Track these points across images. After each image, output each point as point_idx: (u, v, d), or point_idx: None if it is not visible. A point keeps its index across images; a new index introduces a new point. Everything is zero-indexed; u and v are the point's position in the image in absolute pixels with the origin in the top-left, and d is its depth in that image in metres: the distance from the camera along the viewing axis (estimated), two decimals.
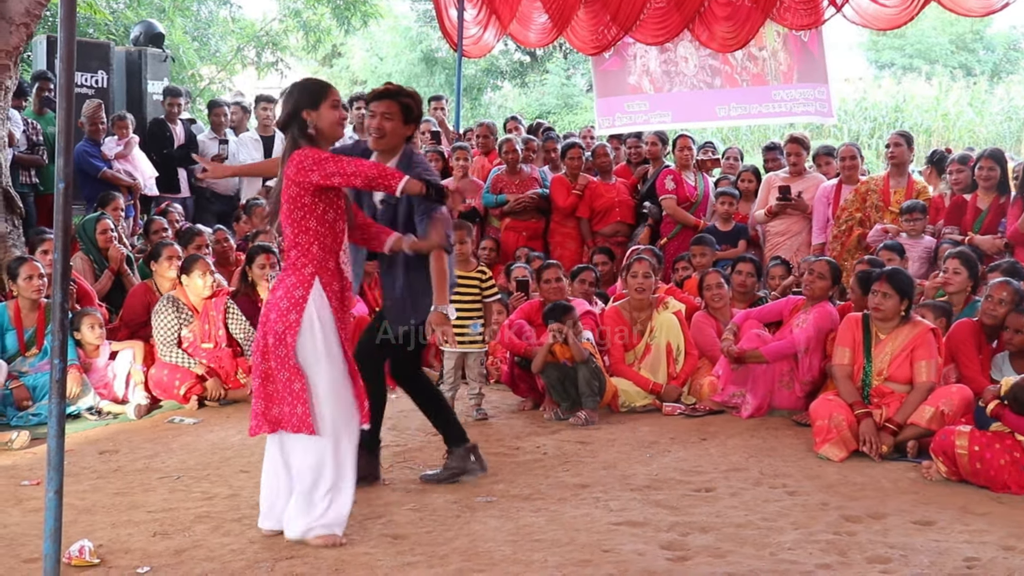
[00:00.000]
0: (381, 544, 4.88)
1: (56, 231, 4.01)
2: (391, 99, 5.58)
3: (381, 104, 5.58)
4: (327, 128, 4.96)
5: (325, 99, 4.96)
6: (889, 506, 5.45)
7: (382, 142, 5.57)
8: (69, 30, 3.99)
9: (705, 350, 8.19)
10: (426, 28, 31.80)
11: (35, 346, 7.78)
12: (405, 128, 5.66)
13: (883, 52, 35.46)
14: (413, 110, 5.65)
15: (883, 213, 9.27)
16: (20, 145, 10.56)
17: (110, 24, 19.36)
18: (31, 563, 4.59)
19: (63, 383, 4.02)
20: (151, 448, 6.81)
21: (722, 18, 12.29)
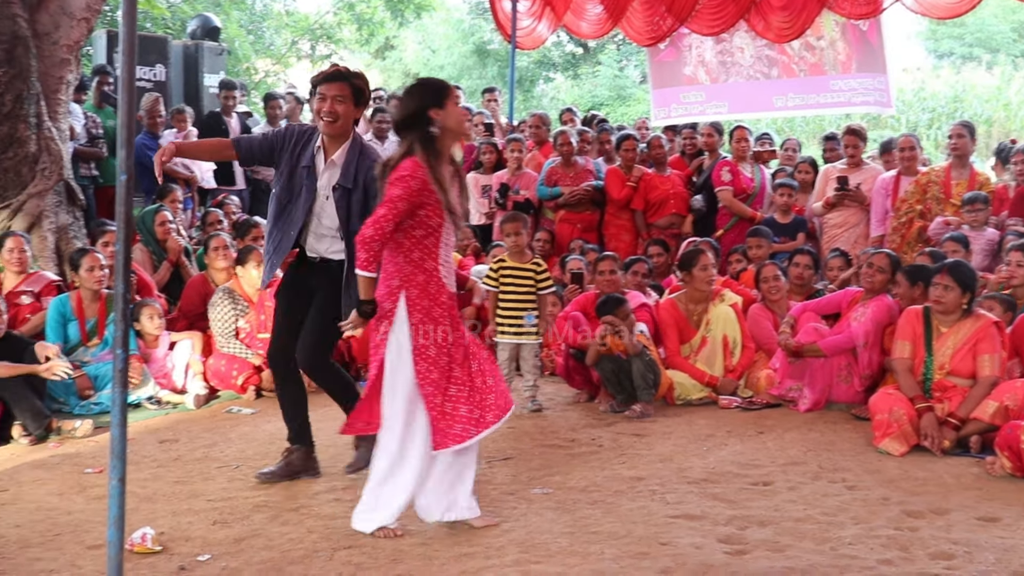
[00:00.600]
0: (438, 535, 4.89)
1: (118, 222, 4.04)
2: (343, 81, 5.45)
3: (333, 87, 5.43)
4: (456, 125, 5.05)
5: (449, 96, 5.00)
6: (952, 502, 5.38)
7: (335, 126, 5.44)
8: (130, 25, 4.02)
9: (762, 343, 8.13)
10: (478, 20, 31.81)
11: (96, 336, 7.87)
12: (356, 111, 5.59)
13: (942, 41, 34.98)
14: (364, 92, 5.58)
15: (944, 205, 9.13)
16: (80, 138, 10.69)
17: (167, 19, 19.54)
18: (95, 549, 4.66)
19: (126, 373, 4.06)
20: (210, 437, 6.87)
21: (778, 8, 12.17)
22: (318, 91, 5.45)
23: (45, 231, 9.06)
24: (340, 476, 5.86)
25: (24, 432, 6.80)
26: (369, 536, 4.83)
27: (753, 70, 13.40)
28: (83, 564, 4.54)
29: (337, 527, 4.98)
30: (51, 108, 9.22)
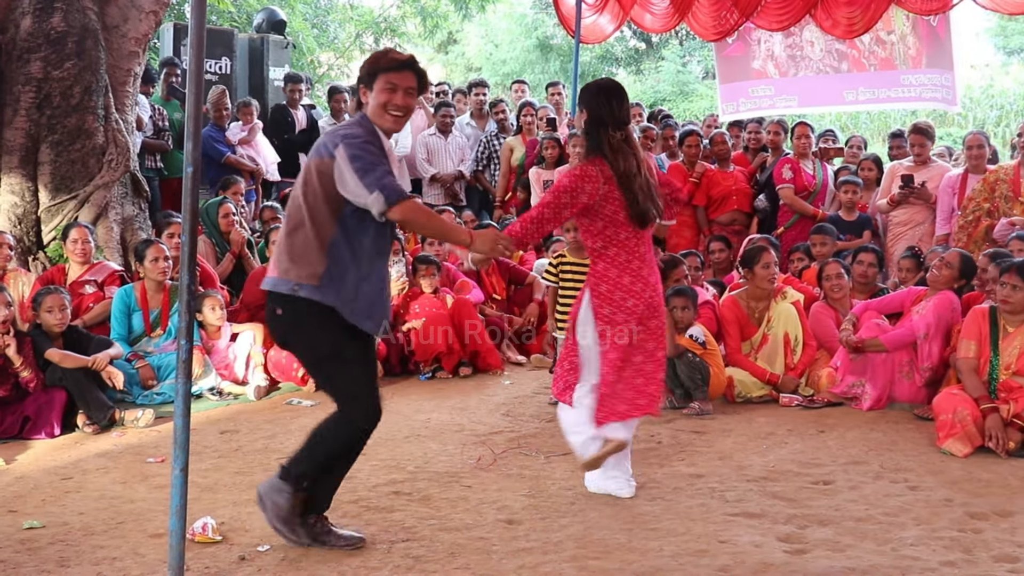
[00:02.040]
0: (496, 529, 4.90)
1: (184, 214, 4.09)
2: (413, 71, 4.69)
3: (405, 76, 4.64)
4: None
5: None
6: (1017, 504, 5.30)
7: (401, 123, 4.80)
8: (199, 18, 4.07)
9: (823, 341, 8.05)
10: (541, 15, 31.78)
11: (160, 327, 7.97)
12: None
13: (1012, 38, 34.40)
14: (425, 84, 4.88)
15: (1013, 204, 8.98)
16: (147, 130, 10.82)
17: (233, 12, 19.71)
18: (157, 538, 4.71)
19: (189, 363, 4.11)
20: (270, 429, 6.93)
21: (844, 3, 12.03)
22: (385, 79, 4.61)
23: (111, 222, 9.18)
24: (399, 470, 5.89)
25: (88, 421, 6.90)
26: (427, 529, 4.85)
27: (823, 64, 13.28)
28: (145, 552, 4.60)
29: (395, 520, 5.01)
30: (119, 100, 9.34)
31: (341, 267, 4.44)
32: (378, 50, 4.94)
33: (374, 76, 4.61)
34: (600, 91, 5.40)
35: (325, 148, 4.45)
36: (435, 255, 9.23)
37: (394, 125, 4.64)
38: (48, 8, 8.79)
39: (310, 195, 4.44)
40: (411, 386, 8.33)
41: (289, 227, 4.52)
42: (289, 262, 4.46)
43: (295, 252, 4.45)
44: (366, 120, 4.61)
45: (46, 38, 8.79)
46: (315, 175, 4.43)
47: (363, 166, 4.33)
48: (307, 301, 4.43)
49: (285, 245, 4.50)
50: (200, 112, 4.12)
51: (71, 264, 8.38)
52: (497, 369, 8.71)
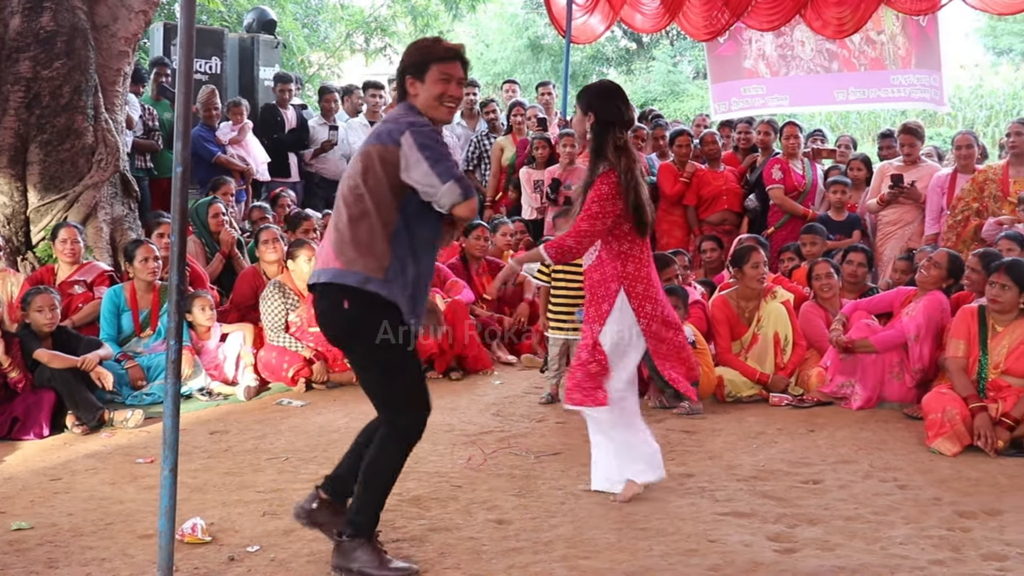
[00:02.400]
0: (486, 529, 4.90)
1: (173, 214, 4.08)
2: (463, 61, 4.58)
3: (459, 67, 4.53)
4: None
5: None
6: (1005, 503, 5.31)
7: (454, 114, 4.73)
8: (189, 17, 4.06)
9: (813, 341, 8.07)
10: (532, 15, 31.80)
11: (149, 327, 7.96)
12: None
13: (1001, 38, 34.51)
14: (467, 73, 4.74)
15: (1002, 204, 9.00)
16: (137, 130, 10.79)
17: (223, 12, 19.69)
18: (146, 539, 4.71)
19: (178, 364, 4.10)
20: (260, 429, 6.92)
21: (834, 3, 12.06)
22: (439, 70, 4.45)
23: (100, 222, 9.15)
24: None
25: (77, 422, 6.88)
26: (417, 529, 4.85)
27: (813, 63, 13.31)
28: (134, 553, 4.59)
29: (385, 520, 4.98)
30: (108, 100, 9.31)
31: (403, 260, 4.31)
32: (424, 39, 4.72)
33: (426, 66, 4.44)
34: (609, 93, 5.42)
35: (389, 135, 4.29)
36: None
37: (448, 116, 4.55)
38: (37, 7, 8.76)
39: (372, 183, 4.29)
40: None
41: (351, 216, 4.31)
42: (355, 253, 4.27)
43: (360, 243, 4.27)
44: (415, 110, 4.44)
45: (35, 37, 8.76)
46: (378, 162, 4.27)
47: (433, 155, 4.20)
48: (373, 295, 4.26)
49: (349, 235, 4.29)
50: (190, 112, 4.11)
51: (60, 264, 8.36)
52: (487, 370, 8.69)
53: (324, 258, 4.40)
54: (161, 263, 7.99)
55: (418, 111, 4.43)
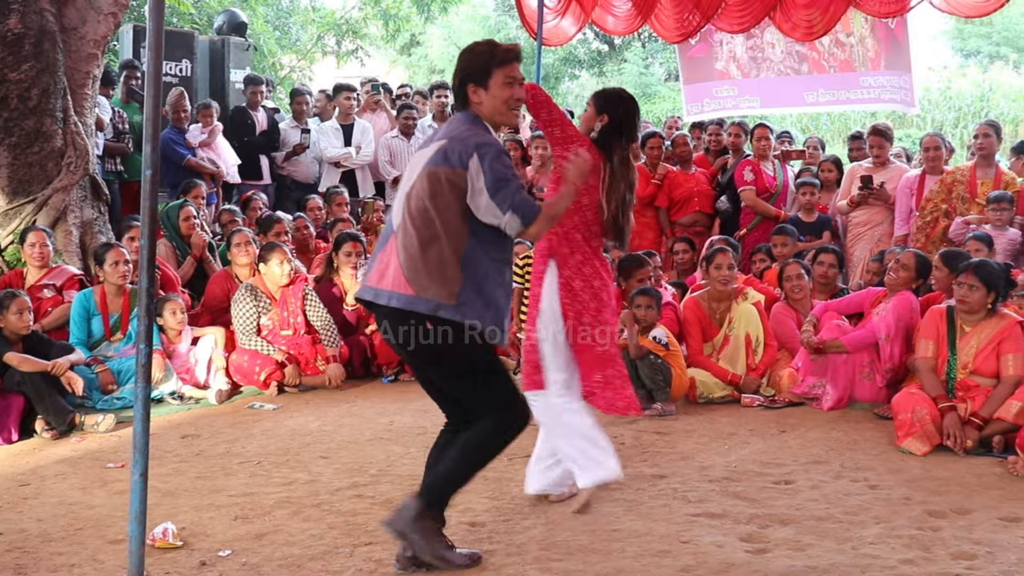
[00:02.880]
0: (459, 531, 4.89)
1: (143, 217, 4.06)
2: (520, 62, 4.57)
3: (518, 68, 4.53)
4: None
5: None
6: (974, 502, 5.35)
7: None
8: (157, 20, 4.04)
9: (784, 342, 8.10)
10: (504, 17, 31.81)
11: (120, 331, 7.92)
12: None
13: (969, 40, 34.81)
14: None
15: (970, 204, 9.08)
16: (107, 132, 10.74)
17: (194, 14, 19.60)
18: (116, 544, 4.68)
19: (148, 368, 4.08)
20: (232, 433, 6.89)
21: (802, 5, 12.08)
22: (503, 74, 4.44)
23: (70, 226, 9.10)
24: (362, 473, 5.87)
25: (47, 427, 6.84)
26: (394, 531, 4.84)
27: (784, 66, 13.36)
28: (104, 559, 4.56)
29: (358, 523, 5.00)
30: (77, 103, 9.26)
31: (477, 279, 4.28)
32: (477, 43, 4.59)
33: (488, 73, 4.40)
34: (629, 103, 5.39)
35: (458, 157, 4.23)
36: None
37: (515, 120, 4.55)
38: (4, 9, 8.68)
39: (442, 206, 4.24)
40: (374, 389, 8.32)
41: (422, 240, 4.26)
42: (428, 279, 4.23)
43: (432, 269, 4.24)
44: (479, 120, 4.42)
45: (2, 40, 8.69)
46: (447, 186, 4.23)
47: (496, 181, 4.18)
48: (449, 321, 4.26)
49: (421, 261, 4.25)
50: (159, 115, 4.09)
51: (29, 268, 8.31)
52: None
53: (393, 280, 4.32)
54: (131, 267, 7.95)
55: (482, 121, 4.42)
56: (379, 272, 4.38)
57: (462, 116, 4.47)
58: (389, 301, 4.31)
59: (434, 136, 4.51)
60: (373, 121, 12.61)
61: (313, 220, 10.36)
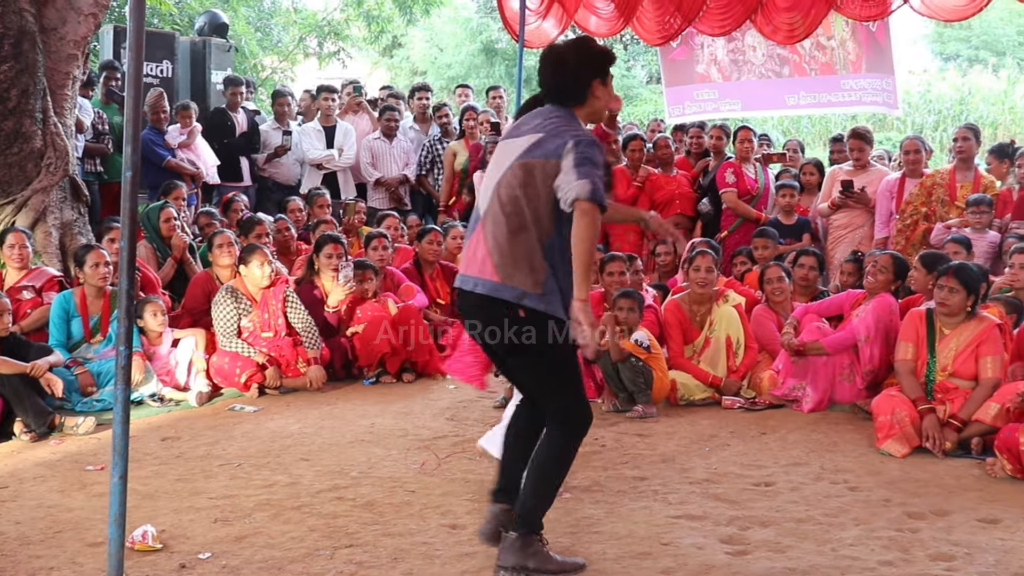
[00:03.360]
0: (439, 534, 4.90)
1: (123, 219, 4.05)
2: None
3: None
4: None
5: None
6: (953, 503, 5.38)
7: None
8: (138, 20, 4.02)
9: (765, 344, 8.13)
10: (486, 19, 31.80)
11: (100, 333, 7.88)
12: None
13: (948, 44, 35.03)
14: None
15: (949, 207, 9.14)
16: (87, 134, 10.70)
17: (175, 15, 19.55)
18: (95, 547, 4.66)
19: (128, 370, 4.07)
20: (212, 435, 6.87)
21: (784, 9, 12.12)
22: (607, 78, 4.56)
23: (49, 227, 9.06)
24: (343, 475, 5.87)
25: (26, 429, 6.80)
26: (370, 535, 4.84)
27: (765, 68, 13.40)
28: (84, 562, 4.55)
29: (339, 526, 4.99)
30: (57, 104, 9.21)
31: (556, 269, 4.33)
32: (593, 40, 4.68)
33: (608, 73, 4.48)
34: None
35: (554, 150, 4.26)
36: (379, 260, 9.18)
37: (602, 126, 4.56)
38: None
39: (532, 196, 4.29)
40: (355, 391, 8.30)
41: (511, 229, 4.31)
42: (514, 268, 4.29)
43: (519, 257, 4.29)
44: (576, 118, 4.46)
45: None
46: (539, 177, 4.28)
47: (583, 160, 4.18)
48: (532, 310, 4.30)
49: (508, 249, 4.31)
50: (139, 116, 4.08)
51: (8, 270, 8.27)
52: (440, 374, 8.68)
53: (480, 266, 4.38)
54: (112, 268, 7.91)
55: (579, 120, 4.44)
56: (468, 259, 4.46)
57: (559, 111, 4.47)
58: (475, 287, 4.38)
59: (522, 127, 4.50)
60: (355, 123, 12.60)
61: (295, 222, 10.33)
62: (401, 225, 10.90)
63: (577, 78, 4.45)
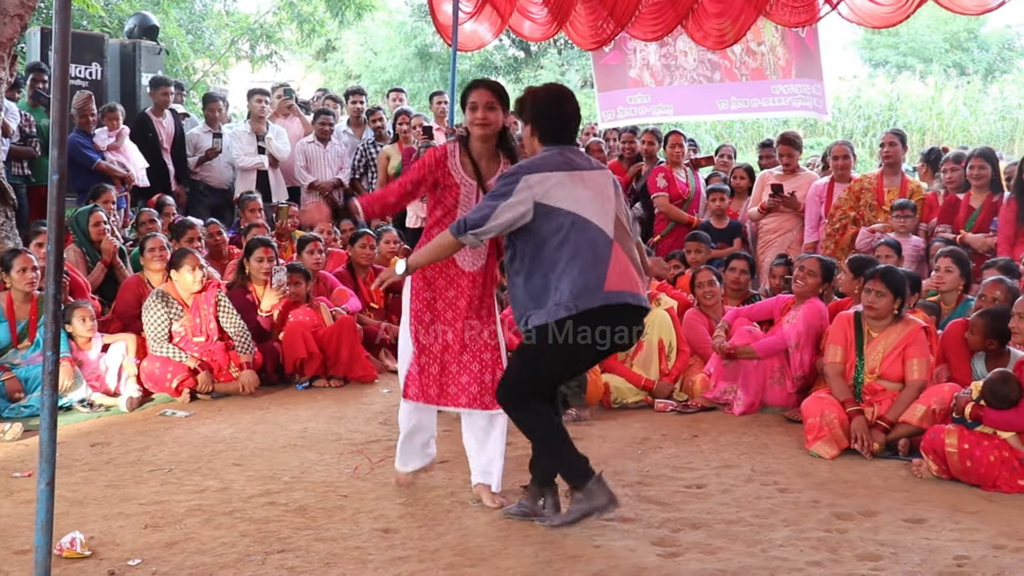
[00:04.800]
0: (372, 538, 4.89)
1: (49, 223, 3.99)
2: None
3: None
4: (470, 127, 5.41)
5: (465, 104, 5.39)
6: (880, 504, 5.46)
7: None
8: (64, 22, 3.98)
9: (697, 347, 8.20)
10: (420, 23, 31.75)
11: (27, 338, 7.76)
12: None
13: (877, 50, 35.54)
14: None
15: (877, 212, 9.28)
16: (14, 137, 10.53)
17: (104, 16, 19.30)
18: (22, 555, 4.59)
19: (55, 375, 4.01)
20: (143, 441, 6.80)
21: (713, 15, 12.26)
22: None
23: None
24: (275, 480, 5.83)
25: None
26: (303, 540, 4.82)
27: (696, 74, 13.53)
28: (9, 569, 4.48)
29: (271, 531, 4.96)
30: None
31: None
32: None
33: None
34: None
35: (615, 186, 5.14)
36: (313, 264, 9.13)
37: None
38: None
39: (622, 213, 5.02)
40: (288, 396, 8.26)
41: (629, 244, 4.98)
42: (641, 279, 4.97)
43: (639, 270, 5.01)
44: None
45: None
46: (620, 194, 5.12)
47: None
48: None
49: (633, 263, 4.94)
50: (66, 119, 4.03)
51: None
52: (372, 379, 8.65)
53: (634, 282, 4.91)
54: (40, 273, 7.79)
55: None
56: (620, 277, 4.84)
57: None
58: (639, 301, 4.90)
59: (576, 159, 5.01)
60: (286, 126, 12.53)
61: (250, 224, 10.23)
62: (334, 229, 10.86)
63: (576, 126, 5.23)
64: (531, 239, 4.86)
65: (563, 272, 4.75)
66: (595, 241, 4.79)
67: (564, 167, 4.87)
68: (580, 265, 4.74)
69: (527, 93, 5.14)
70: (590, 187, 4.90)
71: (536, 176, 4.82)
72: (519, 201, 4.78)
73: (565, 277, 4.74)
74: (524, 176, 4.82)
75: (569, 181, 4.85)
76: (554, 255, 4.78)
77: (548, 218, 4.80)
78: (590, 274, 4.74)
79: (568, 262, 4.74)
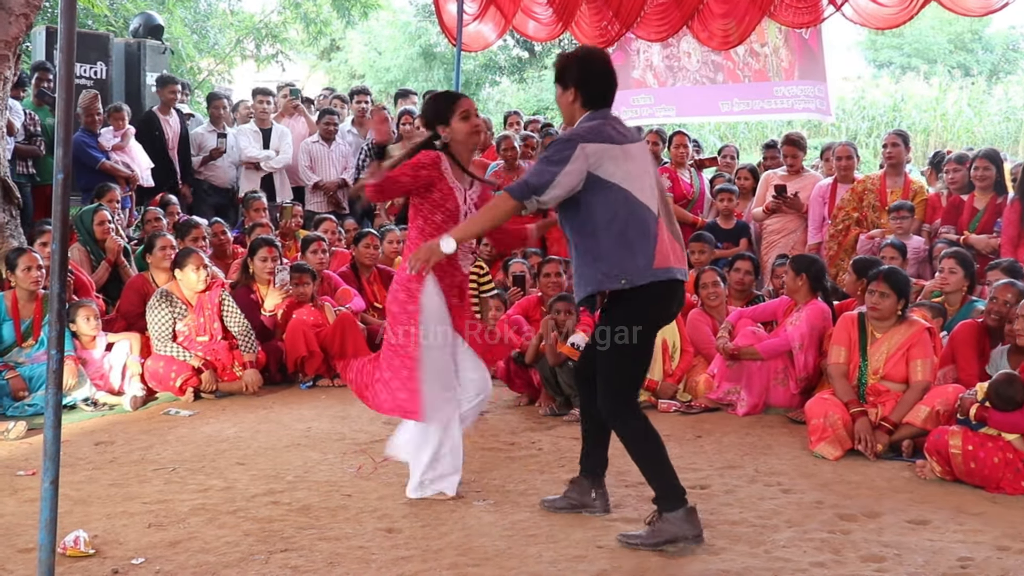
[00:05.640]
0: (376, 537, 4.89)
1: (54, 222, 4.00)
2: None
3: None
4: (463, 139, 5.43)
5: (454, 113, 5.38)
6: (884, 505, 5.46)
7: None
8: (69, 21, 3.98)
9: (701, 348, 8.19)
10: (425, 23, 31.74)
11: (32, 337, 7.78)
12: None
13: (881, 51, 35.53)
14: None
15: (880, 213, 9.27)
16: (19, 135, 10.54)
17: (109, 16, 19.33)
18: (26, 553, 4.60)
19: (60, 374, 4.02)
20: (146, 440, 6.81)
21: (719, 15, 12.25)
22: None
23: None
24: (279, 480, 5.84)
25: None
26: (307, 539, 4.83)
27: (699, 75, 13.54)
28: (13, 568, 4.49)
29: (274, 530, 4.96)
30: None
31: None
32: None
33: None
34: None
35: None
36: (317, 263, 9.14)
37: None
38: None
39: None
40: (292, 395, 8.27)
41: (671, 218, 4.98)
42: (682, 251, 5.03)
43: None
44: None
45: None
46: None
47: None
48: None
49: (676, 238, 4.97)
50: (71, 118, 4.03)
51: None
52: None
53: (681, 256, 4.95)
54: (44, 272, 7.81)
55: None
56: (670, 253, 4.84)
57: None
58: (684, 276, 4.95)
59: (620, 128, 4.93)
60: (291, 126, 12.54)
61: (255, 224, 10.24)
62: (338, 229, 10.86)
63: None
64: (579, 212, 4.83)
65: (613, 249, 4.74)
66: (645, 218, 4.76)
67: (616, 139, 4.80)
68: (630, 240, 4.72)
69: (568, 57, 5.00)
70: (638, 161, 4.84)
71: (592, 147, 4.72)
72: (576, 170, 4.70)
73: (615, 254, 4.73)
74: (580, 144, 4.73)
75: (622, 155, 4.77)
76: (605, 230, 4.74)
77: (598, 191, 4.75)
78: (639, 252, 4.72)
79: (618, 237, 4.73)
